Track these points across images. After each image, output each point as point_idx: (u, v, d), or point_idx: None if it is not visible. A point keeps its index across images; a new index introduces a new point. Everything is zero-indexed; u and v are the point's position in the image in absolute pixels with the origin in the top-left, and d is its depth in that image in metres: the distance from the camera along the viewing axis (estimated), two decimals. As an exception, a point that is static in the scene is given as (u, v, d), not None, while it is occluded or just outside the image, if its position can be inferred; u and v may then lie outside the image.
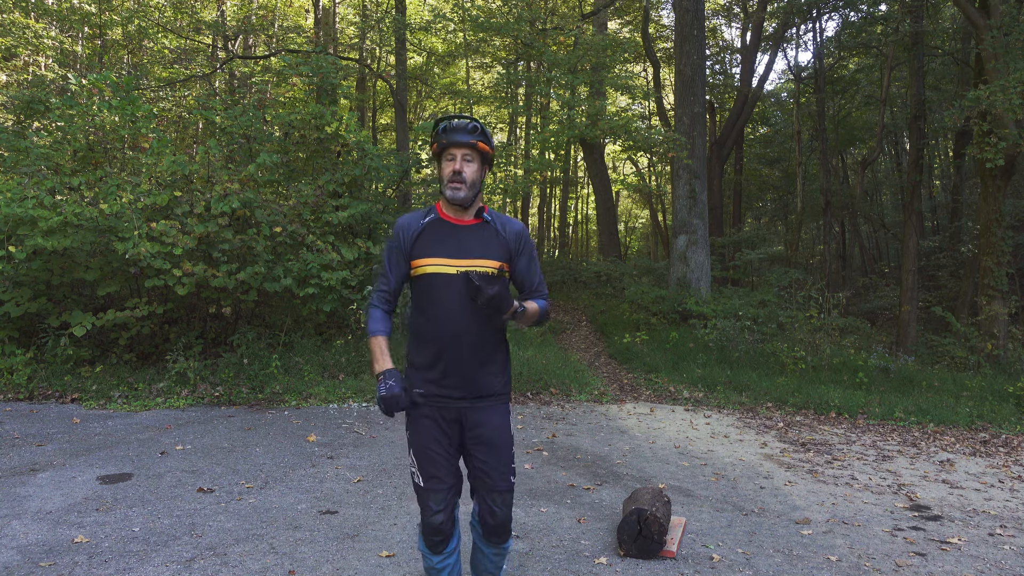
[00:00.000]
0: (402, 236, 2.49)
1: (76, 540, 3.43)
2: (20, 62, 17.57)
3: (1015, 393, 8.38)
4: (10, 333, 7.04)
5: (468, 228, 2.49)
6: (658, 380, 9.08)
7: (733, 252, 18.00)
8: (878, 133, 18.10)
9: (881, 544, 3.90)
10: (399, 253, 2.49)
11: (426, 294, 2.45)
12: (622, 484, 4.81)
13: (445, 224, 2.49)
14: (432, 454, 2.44)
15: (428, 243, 2.46)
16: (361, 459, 5.08)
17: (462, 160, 2.43)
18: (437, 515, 2.44)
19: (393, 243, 2.51)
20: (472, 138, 2.42)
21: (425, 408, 2.44)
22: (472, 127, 2.43)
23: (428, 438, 2.44)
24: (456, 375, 2.43)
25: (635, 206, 35.00)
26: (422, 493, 2.46)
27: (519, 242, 2.55)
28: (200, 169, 7.67)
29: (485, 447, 2.46)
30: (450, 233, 2.47)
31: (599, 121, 12.47)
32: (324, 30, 19.00)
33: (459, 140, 2.41)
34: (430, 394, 2.44)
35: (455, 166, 2.42)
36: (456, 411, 2.46)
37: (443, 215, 2.51)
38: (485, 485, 2.47)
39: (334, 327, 9.04)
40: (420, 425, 2.46)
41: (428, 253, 2.44)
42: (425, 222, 2.50)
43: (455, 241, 2.45)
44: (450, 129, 2.43)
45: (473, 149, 2.43)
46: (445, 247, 2.44)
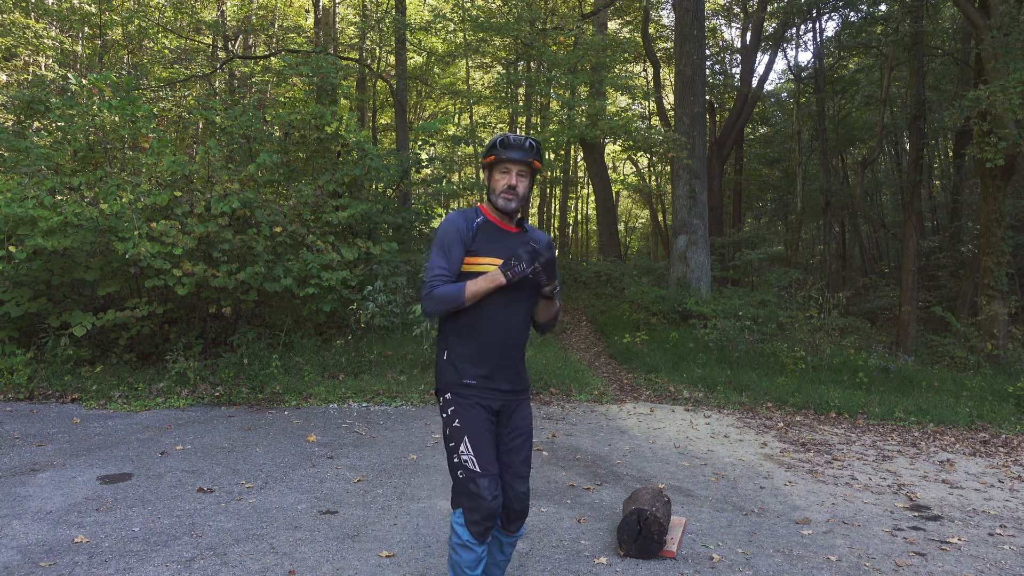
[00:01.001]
0: (464, 229, 2.58)
1: (76, 540, 3.43)
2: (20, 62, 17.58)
3: (1015, 393, 8.38)
4: (10, 333, 7.04)
5: (513, 235, 2.65)
6: (658, 380, 9.08)
7: (733, 252, 18.00)
8: (878, 133, 18.10)
9: (881, 544, 3.90)
10: (459, 243, 2.56)
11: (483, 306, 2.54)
12: (622, 484, 4.81)
13: (495, 227, 2.64)
14: (485, 441, 2.53)
15: (485, 242, 2.59)
16: (361, 459, 5.08)
17: (517, 175, 2.59)
18: (496, 499, 2.49)
19: (452, 233, 2.57)
20: (528, 156, 2.58)
21: (475, 397, 2.56)
22: (529, 145, 2.59)
23: (482, 427, 2.54)
24: (505, 370, 2.60)
25: (635, 206, 35.00)
26: (478, 479, 2.47)
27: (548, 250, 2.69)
28: (200, 169, 7.67)
29: (523, 437, 2.65)
30: (500, 237, 2.62)
31: (599, 121, 12.47)
32: (324, 30, 18.99)
33: (516, 157, 2.56)
34: (481, 386, 2.56)
35: (511, 180, 2.58)
36: (500, 403, 2.60)
37: (491, 218, 2.65)
38: (514, 472, 2.62)
39: (334, 327, 9.04)
40: (473, 414, 2.54)
41: (486, 252, 2.57)
42: (479, 222, 2.63)
43: (505, 245, 2.60)
44: (508, 145, 2.57)
45: (528, 166, 2.60)
46: (498, 249, 2.58)
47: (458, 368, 2.58)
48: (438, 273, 2.56)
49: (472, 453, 2.50)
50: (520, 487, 2.64)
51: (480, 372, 2.57)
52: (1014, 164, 11.41)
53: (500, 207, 2.60)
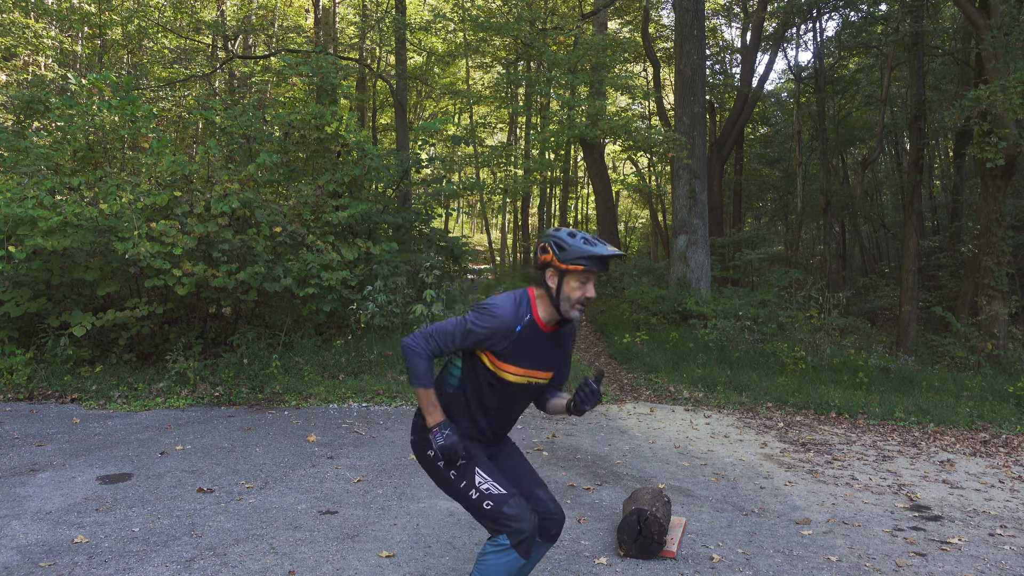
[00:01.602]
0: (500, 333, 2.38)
1: (76, 540, 3.43)
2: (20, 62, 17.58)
3: (1015, 393, 8.38)
4: (10, 333, 7.04)
5: (553, 337, 2.51)
6: (658, 380, 9.07)
7: (733, 252, 18.00)
8: (878, 133, 18.09)
9: (881, 544, 3.89)
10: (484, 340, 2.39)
11: (501, 391, 2.47)
12: (622, 484, 4.81)
13: (539, 332, 2.45)
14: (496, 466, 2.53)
15: (521, 352, 2.42)
16: (361, 459, 5.07)
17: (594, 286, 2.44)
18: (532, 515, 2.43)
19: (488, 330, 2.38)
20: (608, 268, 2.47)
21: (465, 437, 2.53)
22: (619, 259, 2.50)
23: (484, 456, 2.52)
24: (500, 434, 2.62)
25: (635, 206, 35.00)
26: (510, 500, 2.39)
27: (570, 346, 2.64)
28: (200, 169, 7.67)
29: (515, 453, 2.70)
30: (541, 345, 2.46)
31: (599, 121, 12.47)
32: (324, 30, 18.99)
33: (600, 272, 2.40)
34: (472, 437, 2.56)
35: (590, 292, 2.39)
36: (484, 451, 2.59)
37: (539, 321, 2.45)
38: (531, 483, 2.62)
39: (334, 327, 9.04)
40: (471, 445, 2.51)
41: (517, 362, 2.42)
42: (525, 323, 2.42)
43: (542, 355, 2.48)
44: (604, 259, 2.38)
45: None
46: (532, 360, 2.45)
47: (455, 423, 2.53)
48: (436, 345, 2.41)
49: (490, 480, 2.43)
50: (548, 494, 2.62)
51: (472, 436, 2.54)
52: (1014, 164, 11.40)
53: (571, 318, 2.42)
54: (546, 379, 2.53)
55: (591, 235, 2.44)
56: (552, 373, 2.54)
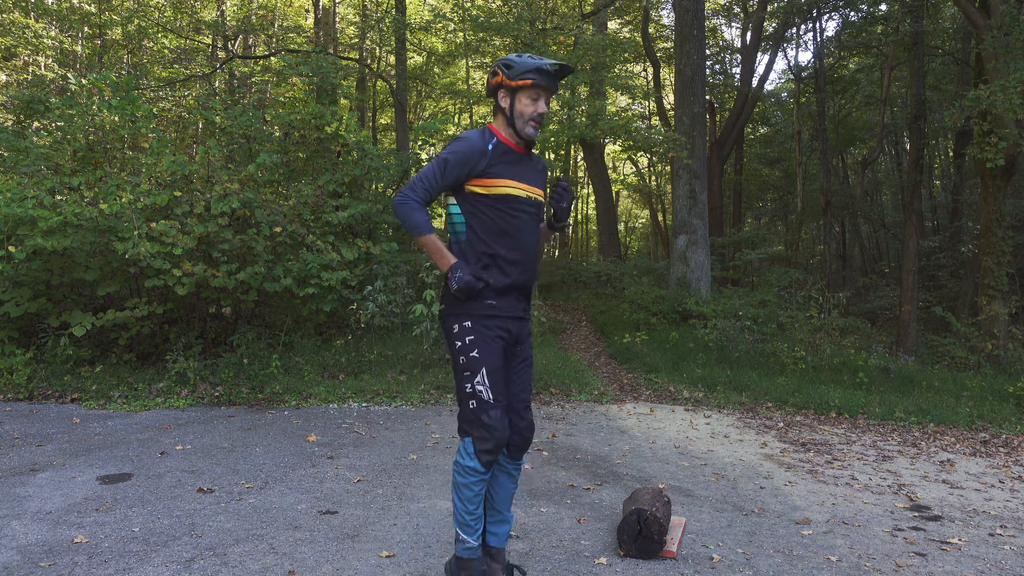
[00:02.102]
0: (474, 154, 2.47)
1: (76, 540, 3.43)
2: (20, 62, 17.57)
3: (1015, 393, 8.38)
4: (10, 333, 7.04)
5: (525, 157, 2.60)
6: (658, 380, 9.07)
7: (733, 252, 18.00)
8: (878, 133, 18.10)
9: (881, 544, 3.89)
10: (462, 167, 2.46)
11: (508, 214, 2.49)
12: (622, 484, 4.81)
13: (509, 150, 2.55)
14: (502, 375, 2.53)
15: (502, 164, 2.50)
16: (361, 459, 5.07)
17: (545, 103, 2.51)
18: (507, 429, 2.50)
19: (465, 157, 2.46)
20: (557, 85, 2.54)
21: (496, 327, 2.51)
22: (568, 70, 2.51)
23: (499, 359, 2.51)
24: (526, 291, 2.59)
25: (635, 206, 34.99)
26: (491, 411, 2.45)
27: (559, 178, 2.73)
28: (200, 169, 7.67)
29: (526, 364, 2.68)
30: (517, 160, 2.56)
31: (599, 121, 12.47)
32: (324, 30, 18.99)
33: (553, 86, 2.49)
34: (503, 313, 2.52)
35: (541, 108, 2.49)
36: (516, 327, 2.57)
37: (505, 140, 2.55)
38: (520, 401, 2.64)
39: (334, 327, 9.04)
40: (493, 346, 2.50)
41: (506, 175, 2.49)
42: (494, 143, 2.52)
43: (522, 168, 2.56)
44: (546, 72, 2.46)
45: (553, 95, 2.56)
46: (517, 172, 2.53)
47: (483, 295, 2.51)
48: (424, 189, 2.47)
49: (488, 385, 2.47)
50: (528, 415, 2.68)
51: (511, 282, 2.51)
52: (1014, 164, 11.41)
53: (528, 135, 2.52)
54: (540, 197, 2.60)
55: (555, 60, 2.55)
56: (543, 191, 2.63)
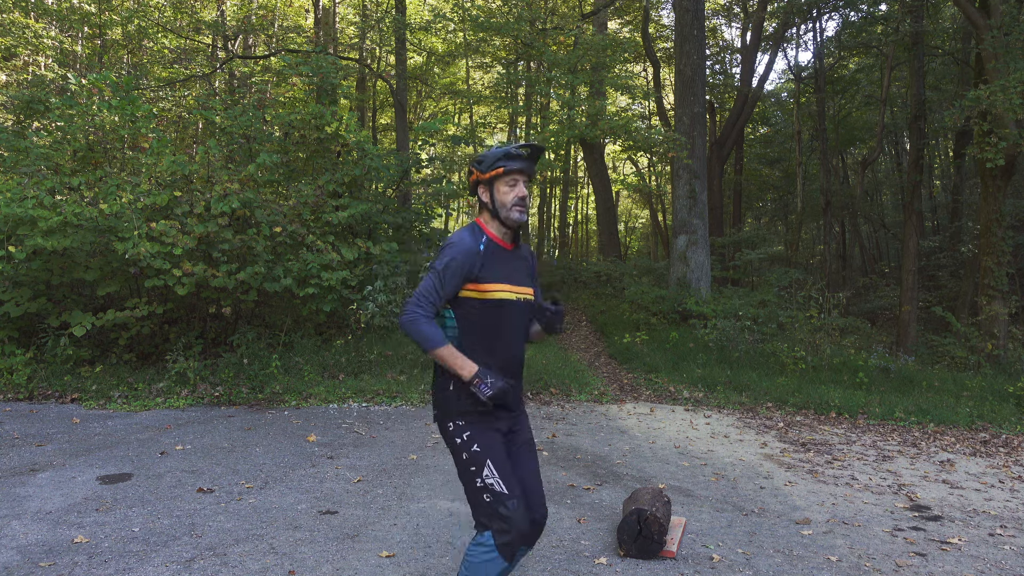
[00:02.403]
0: (469, 258, 2.44)
1: (76, 540, 3.43)
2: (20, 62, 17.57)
3: (1015, 393, 8.38)
4: (10, 333, 7.04)
5: (513, 254, 2.56)
6: (658, 380, 9.07)
7: (733, 252, 18.00)
8: (878, 133, 18.09)
9: (881, 544, 3.89)
10: (461, 274, 2.43)
11: (499, 318, 2.47)
12: (622, 484, 4.81)
13: (500, 249, 2.53)
14: (509, 465, 2.48)
15: (494, 267, 2.47)
16: (361, 459, 5.07)
17: (525, 185, 2.50)
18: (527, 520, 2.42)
19: (462, 262, 2.43)
20: (534, 164, 2.51)
21: (494, 422, 2.50)
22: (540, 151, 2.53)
23: (502, 451, 2.48)
24: (516, 392, 2.55)
25: (635, 206, 34.99)
26: (507, 501, 2.38)
27: (534, 265, 2.69)
28: (200, 169, 7.67)
29: (524, 447, 2.59)
30: (507, 259, 2.53)
31: (599, 121, 12.47)
32: (324, 30, 18.99)
33: (527, 169, 2.48)
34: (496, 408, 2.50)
35: (522, 191, 2.48)
36: (508, 424, 2.56)
37: (495, 239, 2.53)
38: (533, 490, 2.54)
39: (334, 327, 9.04)
40: (490, 436, 2.48)
41: (497, 278, 2.46)
42: (484, 243, 2.49)
43: (512, 268, 2.53)
44: (520, 157, 2.47)
45: (532, 177, 2.54)
46: (508, 273, 2.50)
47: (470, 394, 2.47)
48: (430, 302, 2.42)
49: (498, 476, 2.42)
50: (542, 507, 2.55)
51: None
52: (1014, 164, 11.41)
53: (515, 220, 2.49)
54: (531, 295, 2.57)
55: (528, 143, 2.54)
56: (532, 289, 2.59)
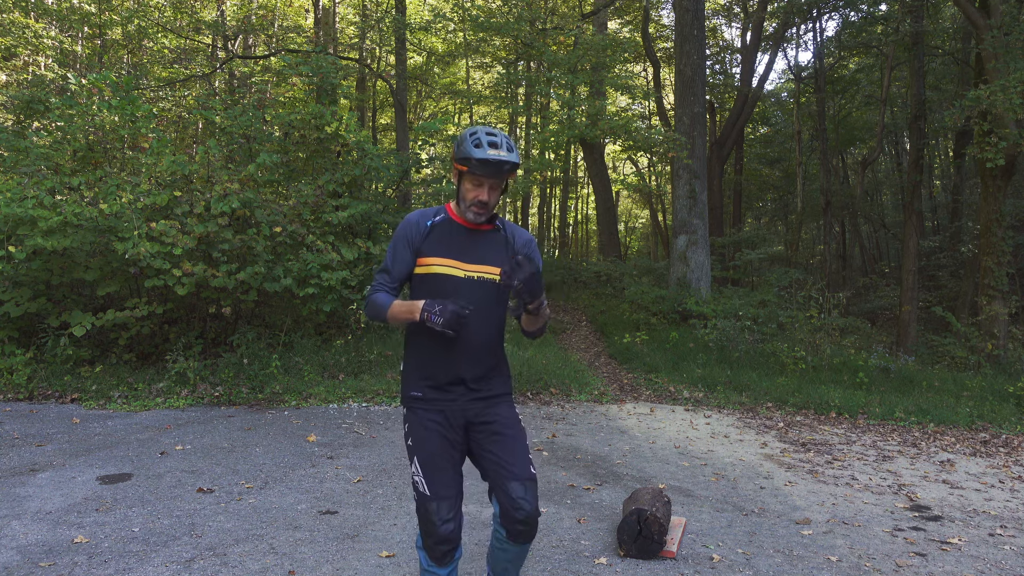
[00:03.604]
0: (409, 230, 2.39)
1: (76, 540, 3.43)
2: (20, 62, 17.57)
3: (1015, 393, 8.38)
4: (10, 333, 7.04)
5: (480, 233, 2.42)
6: (658, 380, 9.07)
7: (733, 252, 18.00)
8: (878, 133, 18.10)
9: (881, 544, 3.89)
10: (405, 245, 2.38)
11: (440, 295, 2.32)
12: (622, 484, 4.81)
13: (457, 226, 2.40)
14: (438, 460, 2.33)
15: (439, 242, 2.37)
16: (361, 459, 5.07)
17: (490, 190, 2.33)
18: (447, 524, 2.29)
19: (401, 235, 2.40)
20: (506, 172, 2.30)
21: (428, 414, 2.36)
22: (510, 166, 2.27)
23: (433, 443, 2.33)
24: (467, 380, 2.37)
25: (635, 206, 35.00)
26: (429, 504, 2.30)
27: (527, 252, 2.47)
28: (200, 169, 7.66)
29: (500, 437, 2.36)
30: (463, 235, 2.39)
31: (599, 121, 12.47)
32: (324, 30, 19.00)
33: (493, 176, 2.29)
34: (430, 398, 2.36)
35: (482, 196, 2.32)
36: (461, 414, 2.38)
37: (455, 216, 2.42)
38: (506, 475, 2.31)
39: (334, 327, 9.03)
40: (424, 433, 2.35)
41: (438, 253, 2.35)
42: (437, 220, 2.41)
43: (466, 244, 2.38)
44: (486, 163, 2.24)
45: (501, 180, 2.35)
46: (455, 249, 2.36)
47: (412, 378, 2.39)
48: (379, 279, 2.41)
49: (422, 475, 2.31)
50: (516, 491, 2.29)
51: (431, 383, 2.36)
52: (1014, 164, 11.41)
53: (470, 220, 2.37)
54: (487, 273, 2.35)
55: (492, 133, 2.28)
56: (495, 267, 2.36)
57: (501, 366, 2.48)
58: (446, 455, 2.35)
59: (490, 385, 2.42)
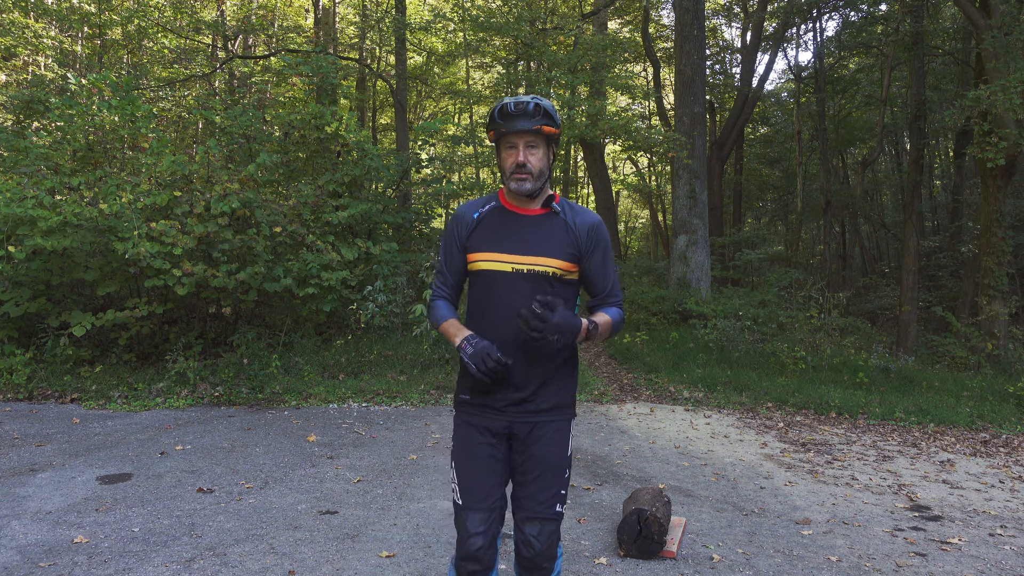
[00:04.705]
0: (457, 226, 2.22)
1: (76, 540, 3.43)
2: (20, 62, 17.56)
3: (1015, 393, 8.37)
4: (10, 333, 7.04)
5: (533, 219, 2.17)
6: (658, 380, 9.07)
7: (733, 252, 18.01)
8: (878, 133, 18.10)
9: (881, 544, 3.89)
10: (453, 244, 2.22)
11: (481, 294, 2.16)
12: (622, 484, 4.81)
13: (507, 214, 2.19)
14: (475, 468, 2.13)
15: (485, 235, 2.17)
16: (361, 459, 5.07)
17: (525, 149, 2.11)
18: (474, 538, 2.07)
19: (448, 232, 2.24)
20: (535, 123, 2.08)
21: (472, 418, 2.17)
22: (534, 108, 2.08)
23: (472, 450, 2.14)
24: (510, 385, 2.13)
25: (635, 206, 34.98)
26: (460, 512, 2.12)
27: (592, 238, 2.18)
28: (200, 169, 7.67)
29: (533, 464, 2.15)
30: (511, 224, 2.17)
31: (599, 121, 12.47)
32: (324, 30, 19.00)
33: (521, 128, 2.08)
34: (476, 402, 2.17)
35: (518, 157, 2.10)
36: (507, 424, 2.15)
37: (505, 203, 2.21)
38: (524, 509, 2.14)
39: (334, 327, 9.04)
40: (464, 435, 2.17)
41: (483, 247, 2.15)
42: (485, 211, 2.21)
43: (516, 234, 2.15)
44: (508, 115, 2.09)
45: (537, 135, 2.11)
46: (503, 241, 2.14)
47: (462, 379, 2.21)
48: (438, 284, 2.27)
49: (457, 482, 2.14)
50: (528, 529, 2.12)
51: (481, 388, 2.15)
52: (1015, 164, 11.40)
53: (513, 190, 2.13)
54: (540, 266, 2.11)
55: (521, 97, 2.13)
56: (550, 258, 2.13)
57: (562, 372, 2.20)
58: (486, 464, 2.14)
59: (545, 395, 2.16)
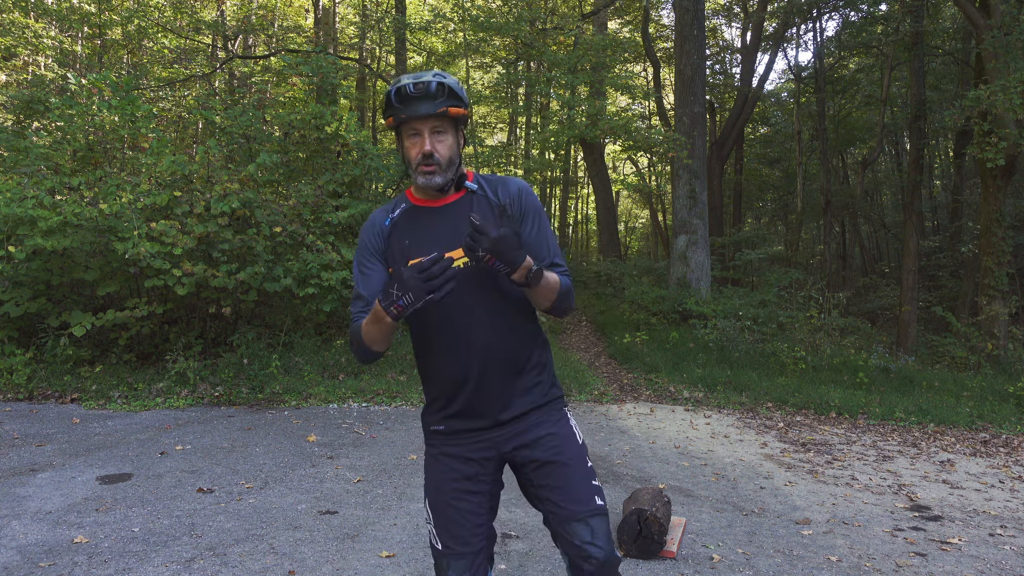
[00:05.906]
0: (370, 236, 1.92)
1: (76, 540, 3.43)
2: (20, 62, 17.56)
3: (1015, 393, 8.37)
4: (10, 333, 7.04)
5: (450, 208, 1.88)
6: (658, 380, 9.07)
7: (733, 252, 18.01)
8: (878, 133, 18.11)
9: (881, 544, 3.89)
10: (369, 256, 1.91)
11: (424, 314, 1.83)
12: (622, 484, 4.81)
13: (419, 212, 1.90)
14: (456, 506, 1.85)
15: (402, 243, 1.86)
16: (361, 459, 5.07)
17: (431, 136, 1.80)
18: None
19: (361, 248, 1.93)
20: (440, 105, 1.77)
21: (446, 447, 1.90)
22: (438, 87, 1.77)
23: (448, 486, 1.86)
24: (484, 399, 1.85)
25: (635, 206, 35.00)
26: (440, 559, 1.85)
27: (520, 206, 1.91)
28: (200, 169, 7.66)
29: (547, 467, 1.86)
30: (428, 222, 1.88)
31: (599, 121, 12.47)
32: (324, 30, 19.00)
33: (425, 112, 1.77)
34: (450, 430, 1.89)
35: (424, 146, 1.79)
36: (490, 443, 1.88)
37: (415, 201, 1.93)
38: (564, 515, 1.83)
39: (334, 327, 9.04)
40: (440, 468, 1.88)
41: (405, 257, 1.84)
42: (396, 215, 1.92)
43: (436, 228, 1.86)
44: (408, 98, 1.77)
45: (443, 119, 1.80)
46: (424, 243, 1.83)
47: (428, 410, 1.95)
48: (355, 308, 1.88)
49: (434, 523, 1.87)
50: (581, 535, 1.80)
51: (450, 412, 1.88)
52: (1015, 164, 11.40)
53: (421, 185, 1.84)
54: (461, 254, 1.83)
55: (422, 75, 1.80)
56: None
57: (534, 365, 1.93)
58: (469, 503, 1.86)
59: (524, 398, 1.90)
